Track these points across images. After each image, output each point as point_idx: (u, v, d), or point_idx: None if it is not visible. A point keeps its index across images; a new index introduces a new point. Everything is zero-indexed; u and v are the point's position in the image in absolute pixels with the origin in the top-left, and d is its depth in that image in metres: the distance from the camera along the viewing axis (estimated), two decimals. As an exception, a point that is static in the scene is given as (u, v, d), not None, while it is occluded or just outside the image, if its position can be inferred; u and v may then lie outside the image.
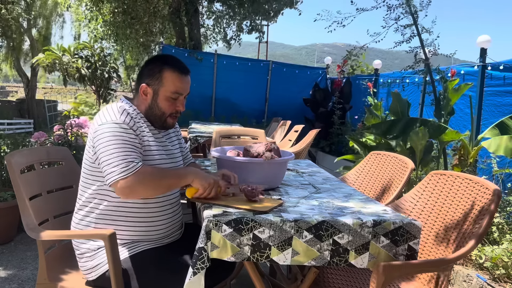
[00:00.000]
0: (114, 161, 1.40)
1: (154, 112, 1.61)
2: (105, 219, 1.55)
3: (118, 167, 1.39)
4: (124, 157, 1.41)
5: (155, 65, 1.61)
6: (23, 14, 13.26)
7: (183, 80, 1.61)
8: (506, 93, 4.09)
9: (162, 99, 1.59)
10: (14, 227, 3.22)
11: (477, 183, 1.60)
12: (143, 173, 1.40)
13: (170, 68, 1.59)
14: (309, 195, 1.69)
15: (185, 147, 1.92)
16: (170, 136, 1.77)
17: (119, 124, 1.47)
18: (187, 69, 1.64)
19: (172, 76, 1.58)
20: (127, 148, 1.44)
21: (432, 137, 3.42)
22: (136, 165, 1.41)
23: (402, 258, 1.38)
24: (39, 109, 15.89)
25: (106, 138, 1.45)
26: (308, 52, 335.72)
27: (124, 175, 1.38)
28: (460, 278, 2.62)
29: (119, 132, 1.46)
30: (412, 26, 3.52)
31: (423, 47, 3.57)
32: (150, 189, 1.46)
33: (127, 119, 1.51)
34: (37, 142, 3.53)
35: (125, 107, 1.57)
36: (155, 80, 1.59)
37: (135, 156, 1.43)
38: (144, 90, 1.60)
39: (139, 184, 1.39)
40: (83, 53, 10.48)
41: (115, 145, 1.43)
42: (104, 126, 1.47)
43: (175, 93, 1.59)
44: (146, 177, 1.41)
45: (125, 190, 1.39)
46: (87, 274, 1.56)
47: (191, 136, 4.24)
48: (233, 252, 1.32)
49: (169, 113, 1.62)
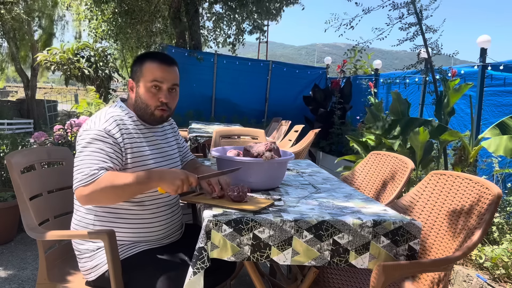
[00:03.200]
0: (80, 168, 1.41)
1: (139, 106, 1.60)
2: (104, 220, 1.55)
3: (80, 174, 1.39)
4: (90, 165, 1.41)
5: (139, 59, 1.63)
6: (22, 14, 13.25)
7: (163, 70, 1.58)
8: (506, 93, 4.09)
9: (143, 91, 1.58)
10: (14, 227, 3.23)
11: (477, 183, 1.60)
12: (102, 181, 1.37)
13: (150, 58, 1.59)
14: (309, 195, 1.69)
15: (183, 146, 1.92)
16: (166, 136, 1.76)
17: (99, 131, 1.48)
18: (170, 60, 1.62)
19: (152, 66, 1.57)
20: (97, 157, 1.43)
21: (432, 137, 3.42)
22: (97, 173, 1.39)
23: (403, 258, 1.38)
24: (39, 109, 15.89)
25: (82, 144, 1.47)
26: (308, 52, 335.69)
27: (83, 183, 1.38)
28: (460, 278, 2.62)
29: (96, 140, 1.46)
30: (416, 25, 3.52)
31: (426, 46, 3.56)
32: (111, 197, 1.42)
33: (110, 127, 1.50)
34: (37, 142, 3.53)
35: (114, 113, 1.57)
36: (137, 73, 1.60)
37: (101, 165, 1.42)
38: (131, 85, 1.62)
39: (97, 192, 1.37)
40: (84, 53, 10.48)
41: (86, 152, 1.44)
42: (85, 132, 1.50)
43: (154, 82, 1.56)
44: (105, 186, 1.37)
45: (83, 198, 1.39)
46: (86, 274, 1.56)
47: (191, 136, 4.25)
48: (233, 252, 1.32)
49: (154, 106, 1.58)
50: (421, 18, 3.51)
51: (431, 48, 3.59)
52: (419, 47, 3.65)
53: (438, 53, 3.58)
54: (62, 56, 9.77)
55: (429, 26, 3.51)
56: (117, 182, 1.39)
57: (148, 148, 1.60)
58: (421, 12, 3.51)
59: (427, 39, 3.56)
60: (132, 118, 1.61)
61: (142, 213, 1.57)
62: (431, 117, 5.01)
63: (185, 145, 1.93)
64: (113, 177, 1.40)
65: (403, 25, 3.56)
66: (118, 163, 1.49)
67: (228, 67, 8.77)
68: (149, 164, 1.57)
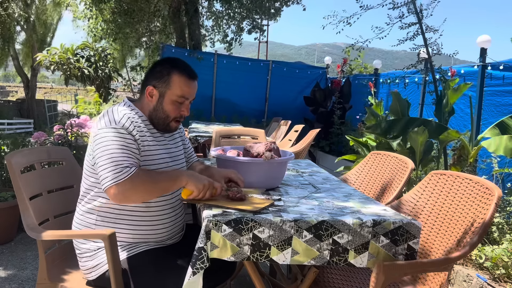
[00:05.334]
0: (109, 166, 1.40)
1: (159, 115, 1.60)
2: (106, 220, 1.55)
3: (112, 172, 1.38)
4: (119, 162, 1.40)
5: (163, 67, 1.59)
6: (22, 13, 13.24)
7: (190, 85, 1.60)
8: (506, 92, 4.09)
9: (167, 102, 1.58)
10: (14, 227, 3.23)
11: (477, 183, 1.60)
12: (136, 178, 1.39)
13: (179, 71, 1.58)
14: (309, 195, 1.69)
15: (189, 147, 1.92)
16: (174, 137, 1.77)
17: (117, 129, 1.47)
18: (195, 75, 1.63)
19: (180, 80, 1.57)
20: (123, 153, 1.43)
21: (432, 137, 3.42)
22: (129, 170, 1.39)
23: (402, 257, 1.38)
24: (39, 109, 15.89)
25: (103, 143, 1.45)
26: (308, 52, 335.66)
27: (117, 181, 1.37)
28: (460, 278, 2.62)
29: (116, 137, 1.45)
30: (416, 24, 3.52)
31: (426, 46, 3.56)
32: (144, 194, 1.44)
33: (127, 124, 1.50)
34: (37, 142, 3.54)
35: (125, 111, 1.56)
36: (162, 82, 1.58)
37: (130, 162, 1.42)
38: (150, 92, 1.59)
39: (132, 189, 1.38)
40: (84, 53, 10.47)
41: (111, 150, 1.43)
42: (103, 130, 1.48)
43: (181, 97, 1.58)
44: (139, 182, 1.39)
45: (118, 196, 1.38)
46: (87, 274, 1.56)
47: (191, 136, 4.25)
48: (233, 252, 1.32)
49: (173, 117, 1.61)
50: (421, 17, 3.51)
51: (431, 48, 3.59)
52: (419, 47, 3.65)
53: (438, 53, 3.58)
54: (61, 56, 9.76)
55: (429, 26, 3.52)
56: (150, 179, 1.41)
57: (158, 149, 1.60)
58: (421, 12, 3.51)
59: (427, 38, 3.56)
60: (142, 118, 1.61)
61: (146, 214, 1.57)
62: (431, 117, 5.01)
63: (190, 146, 1.93)
64: (144, 174, 1.42)
65: (403, 24, 3.56)
66: (140, 159, 1.51)
67: (228, 67, 8.77)
68: (158, 163, 1.58)
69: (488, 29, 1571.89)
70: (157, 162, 1.57)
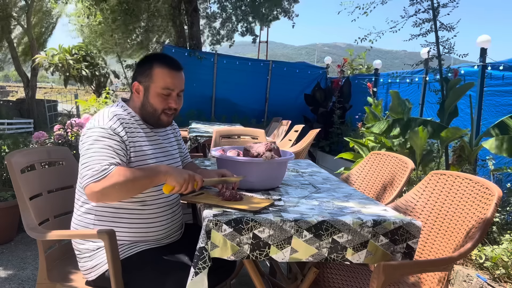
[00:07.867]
0: (89, 165, 1.40)
1: (147, 110, 1.61)
2: (105, 220, 1.55)
3: (91, 170, 1.39)
4: (99, 161, 1.40)
5: (145, 62, 1.62)
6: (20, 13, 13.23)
7: (174, 76, 1.59)
8: (506, 92, 4.09)
9: (153, 96, 1.59)
10: (14, 227, 3.23)
11: (477, 183, 1.60)
12: (113, 176, 1.37)
13: (160, 64, 1.59)
14: (309, 195, 1.69)
15: (183, 147, 1.92)
16: (167, 135, 1.77)
17: (104, 129, 1.48)
18: (178, 65, 1.63)
19: (162, 72, 1.58)
20: (105, 153, 1.43)
21: (431, 137, 3.42)
22: (109, 168, 1.39)
23: (399, 255, 1.39)
24: (39, 109, 15.85)
25: (88, 141, 1.46)
26: (308, 52, 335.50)
27: (94, 179, 1.37)
28: (460, 278, 2.62)
29: (101, 137, 1.46)
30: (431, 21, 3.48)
31: (437, 44, 3.53)
32: (121, 192, 1.41)
33: (115, 125, 1.51)
34: (37, 142, 3.53)
35: (116, 112, 1.57)
36: (145, 77, 1.59)
37: (111, 161, 1.42)
38: (136, 88, 1.61)
39: (110, 187, 1.36)
40: (81, 54, 10.47)
41: (94, 149, 1.44)
42: (90, 130, 1.50)
43: (166, 89, 1.58)
44: (117, 180, 1.37)
45: (96, 194, 1.37)
46: (86, 274, 1.56)
47: (191, 136, 4.25)
48: (233, 251, 1.32)
49: (161, 110, 1.60)
50: (437, 14, 3.47)
51: (443, 46, 3.55)
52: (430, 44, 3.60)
53: (449, 52, 3.55)
54: (60, 57, 9.77)
55: (443, 24, 3.47)
56: (127, 177, 1.39)
57: (150, 147, 1.61)
58: (438, 8, 3.47)
59: (439, 37, 3.52)
60: (134, 117, 1.62)
61: (143, 213, 1.57)
62: (431, 117, 5.01)
63: (184, 146, 1.94)
64: (123, 172, 1.40)
65: (417, 20, 3.52)
66: (125, 160, 1.50)
67: (228, 67, 8.77)
68: (151, 162, 1.58)
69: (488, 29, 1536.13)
70: (149, 161, 1.57)
